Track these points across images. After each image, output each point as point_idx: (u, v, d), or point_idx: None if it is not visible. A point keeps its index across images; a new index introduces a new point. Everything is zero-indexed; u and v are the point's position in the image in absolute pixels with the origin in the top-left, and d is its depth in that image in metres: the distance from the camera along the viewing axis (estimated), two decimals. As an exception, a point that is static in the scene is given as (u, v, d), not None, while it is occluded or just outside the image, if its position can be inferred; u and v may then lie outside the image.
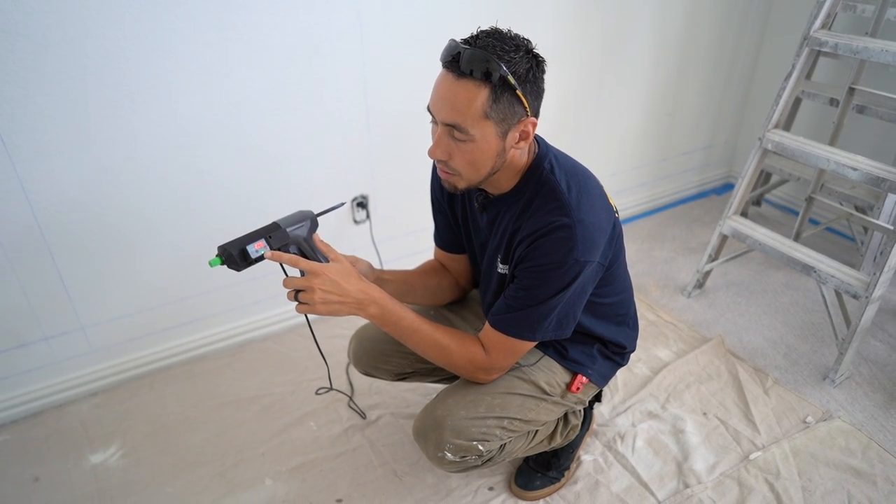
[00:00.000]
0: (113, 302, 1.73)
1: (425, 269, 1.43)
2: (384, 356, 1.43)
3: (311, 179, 1.85)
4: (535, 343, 1.18)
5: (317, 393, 1.74)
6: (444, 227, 1.38)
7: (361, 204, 1.97)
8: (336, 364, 1.84)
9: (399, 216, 2.06)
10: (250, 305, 1.95)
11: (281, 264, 1.09)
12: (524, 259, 1.10)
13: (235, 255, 1.08)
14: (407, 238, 2.11)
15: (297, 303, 1.10)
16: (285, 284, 1.09)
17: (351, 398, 1.74)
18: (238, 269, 1.10)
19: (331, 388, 1.72)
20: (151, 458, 1.59)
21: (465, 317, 1.46)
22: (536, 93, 1.04)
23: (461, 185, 1.09)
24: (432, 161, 1.32)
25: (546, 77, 1.04)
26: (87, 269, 1.65)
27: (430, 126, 1.08)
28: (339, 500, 1.47)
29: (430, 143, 1.09)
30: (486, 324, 1.18)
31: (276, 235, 1.12)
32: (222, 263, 1.09)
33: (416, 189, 1.87)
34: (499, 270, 1.21)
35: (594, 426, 1.64)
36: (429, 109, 1.05)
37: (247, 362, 1.90)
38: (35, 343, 1.67)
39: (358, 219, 1.99)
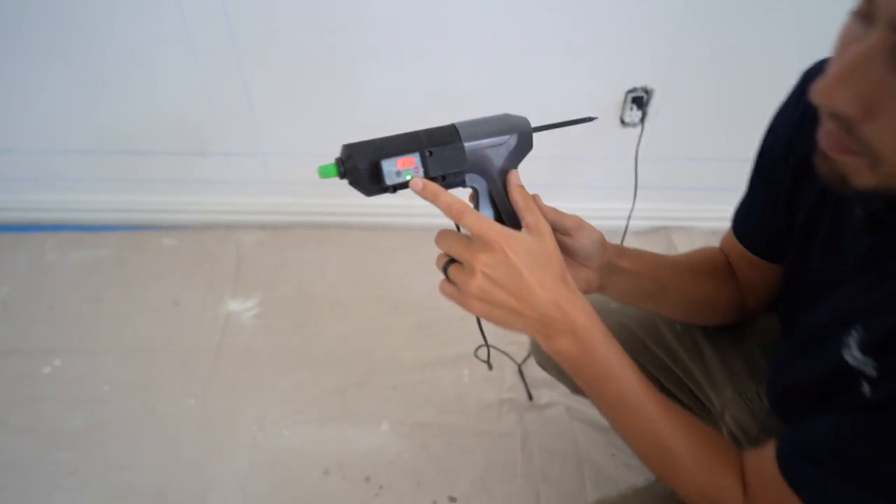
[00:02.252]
0: (298, 135, 1.42)
1: (694, 266, 0.82)
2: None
3: (579, 41, 1.25)
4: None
5: (475, 355, 1.28)
6: (763, 206, 0.74)
7: (639, 100, 1.32)
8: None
9: (689, 133, 1.38)
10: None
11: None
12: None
13: (362, 171, 0.63)
14: (688, 166, 1.43)
15: (443, 278, 0.64)
16: (438, 243, 0.63)
17: (520, 366, 1.28)
18: (365, 193, 0.65)
19: (489, 366, 1.24)
20: (282, 332, 1.35)
21: (731, 363, 0.85)
22: None
23: (864, 180, 0.46)
24: (798, 86, 0.66)
25: None
26: (275, 91, 1.33)
27: (838, 29, 0.43)
28: (452, 499, 1.09)
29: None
30: (768, 452, 0.58)
31: (441, 153, 0.63)
32: (341, 176, 0.64)
33: (732, 104, 1.18)
34: (847, 358, 0.56)
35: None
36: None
37: (427, 254, 1.52)
38: (215, 155, 1.46)
39: (628, 120, 1.36)
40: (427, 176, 0.64)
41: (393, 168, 0.63)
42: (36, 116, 1.39)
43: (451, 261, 0.64)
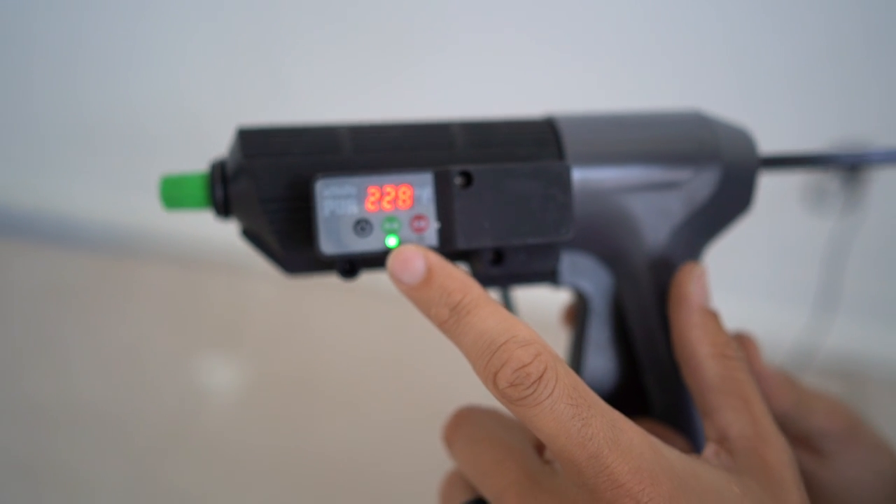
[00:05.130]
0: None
1: None
2: None
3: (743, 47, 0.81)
4: None
5: None
6: None
7: (851, 164, 0.85)
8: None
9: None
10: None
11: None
12: None
13: (268, 206, 0.21)
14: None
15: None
16: (453, 448, 0.25)
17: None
18: (281, 264, 0.24)
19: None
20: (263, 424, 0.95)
21: None
22: None
23: None
24: None
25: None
26: (319, 79, 0.99)
27: None
28: None
29: None
30: None
31: (496, 186, 0.24)
32: (218, 209, 0.23)
33: None
34: None
35: None
36: None
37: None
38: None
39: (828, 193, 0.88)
40: (448, 245, 0.23)
41: (352, 208, 0.22)
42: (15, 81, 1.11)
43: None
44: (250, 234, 0.25)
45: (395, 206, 0.22)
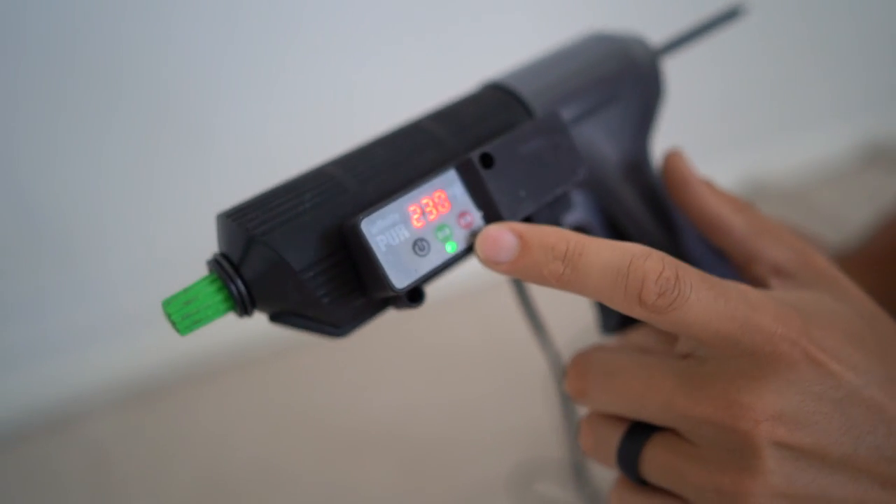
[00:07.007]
0: (145, 235, 0.94)
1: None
2: None
3: None
4: None
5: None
6: None
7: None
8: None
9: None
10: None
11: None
12: None
13: (308, 269, 0.18)
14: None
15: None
16: (590, 390, 0.23)
17: None
18: (332, 330, 0.21)
19: None
20: None
21: None
22: None
23: None
24: None
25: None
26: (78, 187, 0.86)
27: None
28: None
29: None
30: None
31: (513, 154, 0.22)
32: (241, 308, 0.20)
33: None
34: None
35: None
36: None
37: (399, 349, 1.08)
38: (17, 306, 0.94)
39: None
40: (494, 220, 0.23)
41: (403, 233, 0.20)
42: None
43: (636, 433, 0.23)
44: (284, 315, 0.22)
45: (439, 213, 0.21)
